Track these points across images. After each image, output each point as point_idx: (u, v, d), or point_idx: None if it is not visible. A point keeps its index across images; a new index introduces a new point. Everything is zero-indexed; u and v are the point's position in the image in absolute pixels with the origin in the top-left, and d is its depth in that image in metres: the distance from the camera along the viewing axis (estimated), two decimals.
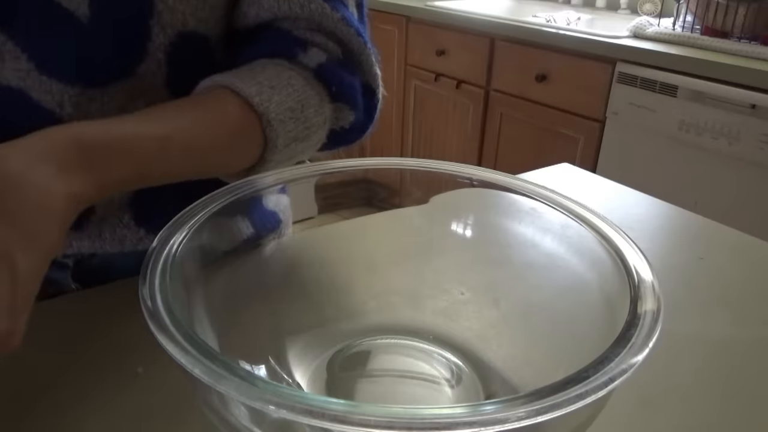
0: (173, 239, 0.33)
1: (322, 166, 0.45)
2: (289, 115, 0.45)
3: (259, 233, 0.46)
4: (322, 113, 0.48)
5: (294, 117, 0.46)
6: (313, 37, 0.49)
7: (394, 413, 0.23)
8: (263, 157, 0.46)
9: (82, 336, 0.44)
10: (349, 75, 0.50)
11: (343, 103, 0.49)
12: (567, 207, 0.39)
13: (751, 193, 1.48)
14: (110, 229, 0.51)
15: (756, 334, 0.49)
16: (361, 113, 0.52)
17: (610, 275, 0.34)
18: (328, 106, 0.49)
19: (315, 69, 0.48)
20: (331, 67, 0.48)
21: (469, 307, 0.43)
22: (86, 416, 0.37)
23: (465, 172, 0.44)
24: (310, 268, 0.46)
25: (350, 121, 0.51)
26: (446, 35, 2.11)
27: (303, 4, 0.48)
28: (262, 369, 0.38)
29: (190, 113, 0.43)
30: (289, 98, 0.45)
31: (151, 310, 0.28)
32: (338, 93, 0.48)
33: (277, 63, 0.47)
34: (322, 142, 0.50)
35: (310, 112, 0.47)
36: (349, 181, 0.46)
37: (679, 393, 0.42)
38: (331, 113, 0.49)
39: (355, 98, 0.50)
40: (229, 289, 0.39)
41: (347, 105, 0.50)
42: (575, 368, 0.25)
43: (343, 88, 0.49)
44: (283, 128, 0.45)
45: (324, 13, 0.48)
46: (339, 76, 0.49)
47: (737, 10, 1.56)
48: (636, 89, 1.62)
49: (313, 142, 0.49)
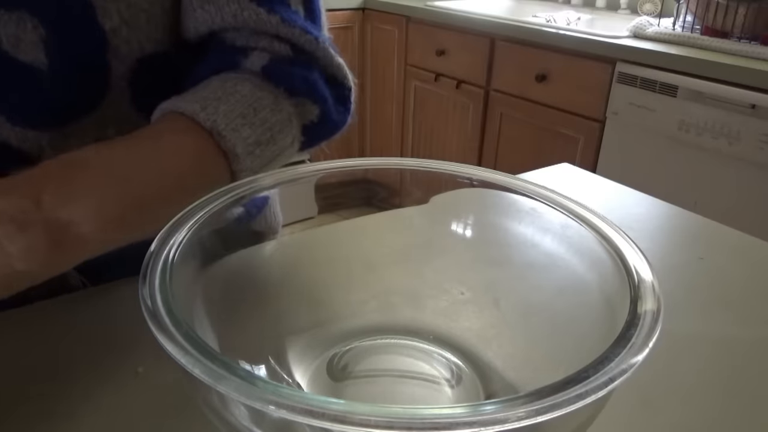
0: (173, 239, 0.33)
1: (322, 166, 0.45)
2: (242, 121, 0.44)
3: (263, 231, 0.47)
4: (281, 111, 0.47)
5: (248, 122, 0.44)
6: (257, 42, 0.48)
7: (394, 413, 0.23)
8: (232, 170, 0.45)
9: (82, 336, 0.44)
10: (303, 70, 0.49)
11: (303, 98, 0.48)
12: (567, 207, 0.39)
13: (751, 193, 1.48)
14: None
15: (756, 334, 0.49)
16: (330, 105, 0.50)
17: (610, 275, 0.34)
18: (286, 103, 0.47)
19: (260, 71, 0.47)
20: (278, 66, 0.48)
21: (469, 307, 0.43)
22: (86, 416, 0.37)
23: (465, 172, 0.44)
24: (310, 268, 0.46)
25: (317, 114, 0.49)
26: (446, 35, 2.12)
27: (236, 14, 0.47)
28: (262, 369, 0.38)
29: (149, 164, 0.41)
30: (237, 105, 0.44)
31: (151, 310, 0.28)
32: (292, 89, 0.48)
33: (222, 77, 0.46)
34: (298, 140, 0.49)
35: (266, 113, 0.46)
36: (349, 181, 0.46)
37: (679, 393, 0.42)
38: (293, 109, 0.48)
39: (314, 91, 0.49)
40: (229, 289, 0.39)
41: (308, 99, 0.49)
42: (575, 368, 0.25)
43: (296, 83, 0.48)
44: (238, 136, 0.44)
45: (260, 19, 0.47)
46: (287, 73, 0.48)
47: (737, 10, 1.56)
48: (636, 89, 1.62)
49: (284, 143, 0.48)
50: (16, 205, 0.33)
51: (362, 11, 2.45)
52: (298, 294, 0.43)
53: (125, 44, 0.46)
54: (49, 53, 0.44)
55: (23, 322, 0.45)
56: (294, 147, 0.50)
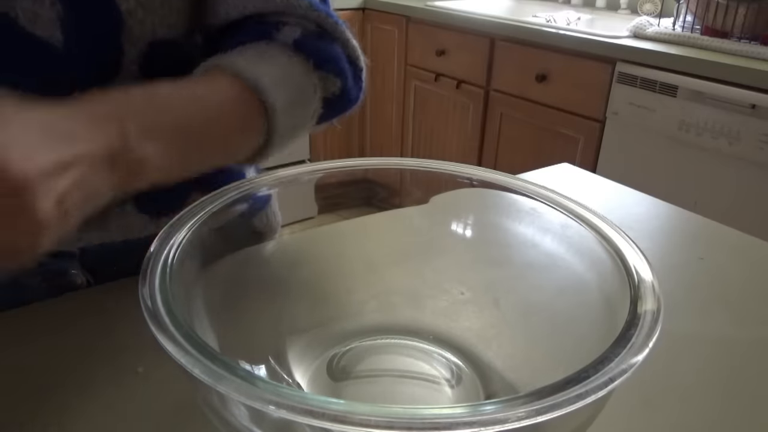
0: (173, 239, 0.33)
1: (322, 166, 0.45)
2: (279, 81, 0.47)
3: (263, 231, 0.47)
4: (310, 79, 0.49)
5: (284, 83, 0.47)
6: (286, 20, 0.51)
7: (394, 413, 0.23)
8: (268, 127, 0.47)
9: (82, 336, 0.44)
10: (328, 45, 0.52)
11: (327, 72, 0.51)
12: (567, 207, 0.40)
13: (751, 193, 1.48)
14: (115, 220, 0.52)
15: (756, 334, 0.49)
16: (350, 80, 0.53)
17: (610, 275, 0.34)
18: (313, 75, 0.50)
19: (292, 44, 0.49)
20: (308, 40, 0.50)
21: (469, 307, 0.43)
22: (86, 416, 0.37)
23: (465, 172, 0.44)
24: (311, 267, 0.46)
25: (339, 87, 0.52)
26: (446, 35, 2.11)
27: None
28: (262, 369, 0.38)
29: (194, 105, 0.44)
30: (274, 67, 0.47)
31: (151, 310, 0.28)
32: (320, 62, 0.50)
33: (256, 44, 0.49)
34: (317, 112, 0.51)
35: (298, 78, 0.48)
36: (349, 181, 0.46)
37: (679, 393, 0.42)
38: (318, 82, 0.50)
39: (338, 65, 0.51)
40: (229, 289, 0.39)
41: (331, 72, 0.51)
42: (575, 368, 0.25)
43: (323, 55, 0.50)
44: (277, 92, 0.46)
45: (290, 3, 0.50)
46: (317, 47, 0.50)
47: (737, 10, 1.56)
48: (636, 89, 1.62)
49: (310, 109, 0.50)
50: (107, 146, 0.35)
51: (362, 11, 2.45)
52: (298, 294, 0.43)
53: (139, 26, 0.47)
54: (65, 30, 0.44)
55: (23, 322, 0.45)
56: (313, 119, 0.52)
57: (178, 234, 0.34)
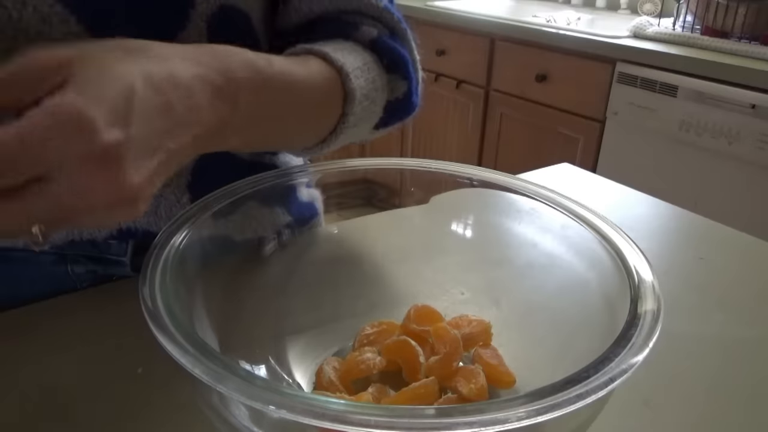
0: (173, 239, 0.33)
1: (322, 166, 0.45)
2: (359, 73, 0.49)
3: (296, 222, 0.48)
4: (382, 77, 0.52)
5: (363, 75, 0.49)
6: (363, 20, 0.53)
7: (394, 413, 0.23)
8: (344, 111, 0.48)
9: (82, 336, 0.44)
10: (401, 48, 0.54)
11: (396, 74, 0.53)
12: (567, 207, 0.40)
13: (751, 193, 1.48)
14: (167, 208, 0.52)
15: (756, 334, 0.49)
16: (414, 84, 0.55)
17: (610, 275, 0.34)
18: (385, 75, 0.52)
19: (369, 43, 0.52)
20: (383, 41, 0.52)
21: (469, 307, 0.43)
22: (86, 416, 0.37)
23: (465, 172, 0.44)
24: (310, 267, 0.46)
25: (404, 91, 0.54)
26: (446, 35, 2.11)
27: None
28: (262, 369, 0.38)
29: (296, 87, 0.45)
30: (356, 59, 0.49)
31: (151, 310, 0.28)
32: (391, 63, 0.52)
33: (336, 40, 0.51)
34: (379, 115, 0.53)
35: (374, 73, 0.50)
36: (349, 181, 0.47)
37: (679, 393, 0.42)
38: (387, 82, 0.52)
39: (407, 68, 0.54)
40: (229, 288, 0.39)
41: (399, 75, 0.53)
42: (575, 368, 0.25)
43: (395, 58, 0.52)
44: (358, 81, 0.48)
45: (369, 4, 0.53)
46: (390, 48, 0.52)
47: (737, 10, 1.56)
48: (636, 89, 1.62)
49: (377, 108, 0.52)
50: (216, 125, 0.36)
51: None
52: (298, 294, 0.43)
53: None
54: None
55: (23, 322, 0.45)
56: (376, 119, 0.53)
57: (178, 234, 0.34)
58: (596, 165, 1.76)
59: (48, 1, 0.42)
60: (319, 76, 0.46)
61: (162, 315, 0.27)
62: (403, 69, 0.53)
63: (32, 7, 0.42)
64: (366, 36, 0.52)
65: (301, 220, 0.49)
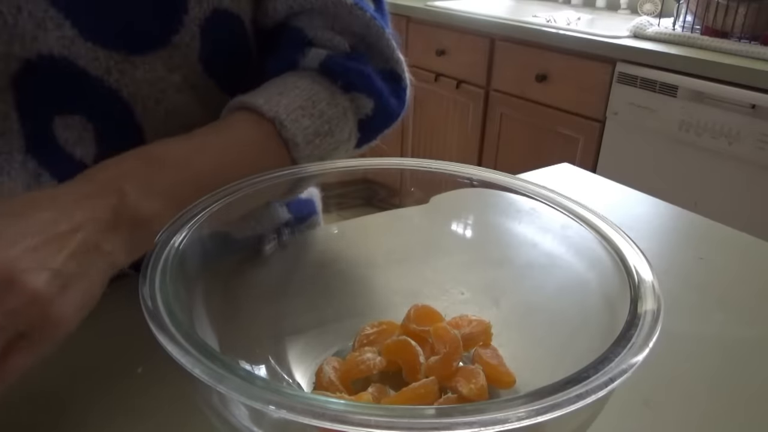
0: (173, 239, 0.33)
1: (322, 166, 0.45)
2: (301, 112, 0.47)
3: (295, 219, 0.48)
4: (338, 105, 0.50)
5: (307, 113, 0.48)
6: (322, 34, 0.51)
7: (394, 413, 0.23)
8: (292, 158, 0.47)
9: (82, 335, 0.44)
10: (358, 64, 0.52)
11: (358, 92, 0.51)
12: (567, 207, 0.39)
13: (750, 193, 1.48)
14: None
15: (756, 334, 0.49)
16: (385, 98, 0.53)
17: (610, 275, 0.34)
18: (342, 98, 0.50)
19: (317, 68, 0.50)
20: (334, 61, 0.50)
21: (469, 307, 0.43)
22: (86, 416, 0.37)
23: (465, 172, 0.44)
24: (310, 268, 0.46)
25: (371, 108, 0.52)
26: (446, 35, 2.11)
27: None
28: (262, 369, 0.38)
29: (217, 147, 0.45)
30: (297, 98, 0.47)
31: (151, 310, 0.28)
32: (347, 84, 0.50)
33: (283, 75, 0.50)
34: (355, 135, 0.52)
35: (323, 106, 0.49)
36: (349, 181, 0.46)
37: (679, 393, 0.42)
38: (349, 104, 0.51)
39: (369, 85, 0.52)
40: (229, 288, 0.39)
41: (362, 93, 0.51)
42: (575, 368, 0.25)
43: (351, 77, 0.51)
44: (298, 126, 0.47)
45: (338, 2, 0.50)
46: (344, 68, 0.50)
47: (737, 10, 1.56)
48: (636, 89, 1.62)
49: (341, 137, 0.50)
50: (106, 206, 0.36)
51: None
52: (298, 294, 0.43)
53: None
54: None
55: None
56: (351, 142, 0.52)
57: (178, 234, 0.34)
58: (596, 165, 1.76)
59: (42, 6, 0.42)
60: (246, 134, 0.46)
61: (162, 315, 0.27)
62: (365, 86, 0.51)
63: (27, 12, 0.42)
64: (314, 60, 0.50)
65: (300, 217, 0.49)
